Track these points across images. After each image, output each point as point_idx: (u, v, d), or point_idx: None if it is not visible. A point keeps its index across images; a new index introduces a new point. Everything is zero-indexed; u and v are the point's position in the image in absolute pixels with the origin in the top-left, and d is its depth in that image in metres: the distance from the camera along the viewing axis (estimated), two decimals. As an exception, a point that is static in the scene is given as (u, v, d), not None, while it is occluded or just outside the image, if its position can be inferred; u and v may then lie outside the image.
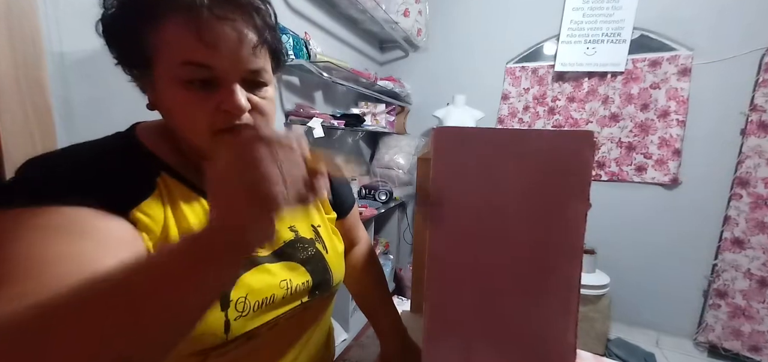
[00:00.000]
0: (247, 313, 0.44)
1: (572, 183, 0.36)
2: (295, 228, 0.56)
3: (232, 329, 0.42)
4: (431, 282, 0.44)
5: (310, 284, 0.53)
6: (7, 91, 0.78)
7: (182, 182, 0.46)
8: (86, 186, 0.37)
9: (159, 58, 0.41)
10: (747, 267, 2.06)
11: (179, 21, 0.39)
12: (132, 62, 0.44)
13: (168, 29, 0.39)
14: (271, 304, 0.47)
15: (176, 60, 0.40)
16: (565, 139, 0.37)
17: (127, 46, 0.43)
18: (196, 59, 0.40)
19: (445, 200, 0.42)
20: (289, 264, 0.51)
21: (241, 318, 0.43)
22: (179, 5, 0.39)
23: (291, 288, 0.50)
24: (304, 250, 0.54)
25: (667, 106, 2.20)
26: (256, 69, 0.44)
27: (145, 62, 0.42)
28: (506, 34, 2.61)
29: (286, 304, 0.49)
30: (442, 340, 0.46)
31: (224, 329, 0.41)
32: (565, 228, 0.38)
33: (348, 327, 2.10)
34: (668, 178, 2.23)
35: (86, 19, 1.01)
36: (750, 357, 2.07)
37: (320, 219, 0.62)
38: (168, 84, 0.41)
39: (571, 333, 0.40)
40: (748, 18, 2.00)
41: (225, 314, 0.42)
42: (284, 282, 0.49)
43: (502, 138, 0.40)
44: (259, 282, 0.46)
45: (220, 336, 0.41)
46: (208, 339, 0.41)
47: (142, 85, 0.47)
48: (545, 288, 0.40)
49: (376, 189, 2.42)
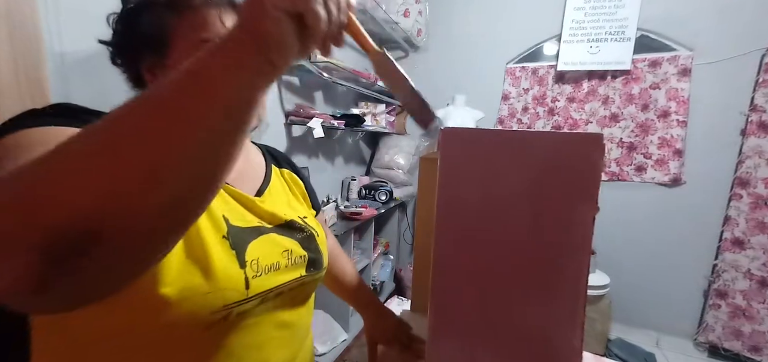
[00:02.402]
0: (260, 274, 0.48)
1: (580, 186, 0.36)
2: (288, 215, 0.60)
3: (251, 286, 0.46)
4: (436, 283, 0.44)
5: (306, 259, 0.57)
6: (7, 91, 0.77)
7: None
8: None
9: (178, 40, 0.48)
10: (747, 268, 2.06)
11: (200, 11, 0.48)
12: (149, 47, 0.49)
13: (189, 18, 0.48)
14: (278, 269, 0.51)
15: (196, 38, 0.48)
16: (573, 141, 0.36)
17: (148, 34, 0.49)
18: (213, 38, 0.45)
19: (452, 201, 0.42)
20: (287, 239, 0.56)
21: (256, 277, 0.47)
22: (203, 2, 0.49)
23: (292, 259, 0.54)
24: (300, 231, 0.59)
25: (667, 106, 2.21)
26: None
27: (161, 46, 0.48)
28: (506, 34, 2.61)
29: (289, 273, 0.54)
30: (447, 342, 0.46)
31: (245, 285, 0.45)
32: (573, 232, 0.37)
33: (348, 328, 2.10)
34: (668, 178, 2.23)
35: (86, 19, 1.01)
36: (750, 358, 2.07)
37: (306, 212, 0.67)
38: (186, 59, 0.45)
39: (577, 338, 0.40)
40: (748, 18, 2.01)
41: (244, 272, 0.46)
42: (286, 251, 0.54)
43: (509, 139, 0.40)
44: (266, 248, 0.51)
45: (241, 292, 0.45)
46: (232, 295, 0.44)
47: (138, 76, 0.53)
48: (552, 291, 0.40)
49: (376, 190, 2.42)
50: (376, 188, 2.42)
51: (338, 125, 2.06)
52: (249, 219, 0.53)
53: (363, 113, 2.46)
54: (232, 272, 0.44)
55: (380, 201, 2.39)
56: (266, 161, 0.67)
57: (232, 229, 0.48)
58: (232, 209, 0.51)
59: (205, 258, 0.42)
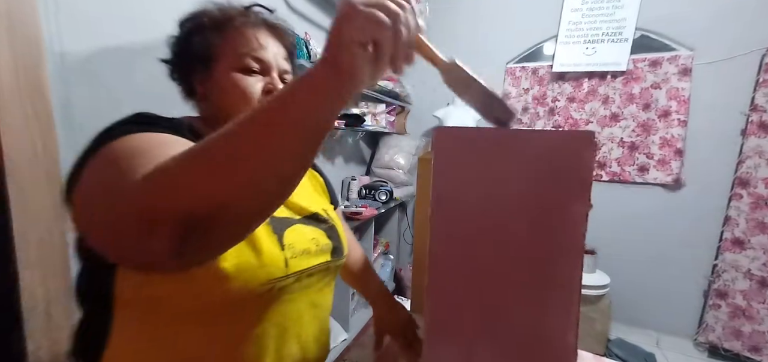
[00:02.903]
0: (296, 257, 0.56)
1: (573, 184, 0.36)
2: (312, 207, 0.68)
3: (289, 265, 0.55)
4: (432, 282, 0.44)
5: (330, 246, 0.66)
6: (7, 91, 0.78)
7: None
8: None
9: (224, 55, 0.58)
10: (747, 268, 2.06)
11: (244, 31, 0.59)
12: (198, 61, 0.59)
13: (234, 35, 0.58)
14: (309, 253, 0.60)
15: (240, 52, 0.58)
16: (565, 139, 0.37)
17: (198, 50, 0.59)
18: (255, 54, 0.58)
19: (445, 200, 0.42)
20: (314, 229, 0.64)
21: (293, 258, 0.56)
22: (248, 23, 0.59)
23: (319, 245, 0.63)
24: (323, 222, 0.68)
25: (668, 105, 2.20)
26: (287, 69, 0.63)
27: (209, 60, 0.58)
28: (506, 34, 2.61)
29: (317, 257, 0.62)
30: (443, 341, 0.46)
31: (284, 264, 0.54)
32: (566, 229, 0.38)
33: (348, 327, 2.10)
34: (671, 179, 2.22)
35: (86, 20, 1.01)
36: (750, 358, 2.07)
37: (326, 205, 0.75)
38: (227, 72, 0.58)
39: (572, 334, 0.40)
40: (749, 18, 2.00)
41: (283, 253, 0.55)
42: (313, 239, 0.62)
43: (503, 138, 0.40)
44: (298, 236, 0.60)
45: (282, 269, 0.53)
46: (275, 271, 0.52)
47: (190, 86, 0.63)
48: (546, 288, 0.40)
49: (376, 190, 2.42)
50: (376, 188, 2.43)
51: (338, 125, 2.06)
52: (282, 209, 0.62)
53: (363, 113, 2.46)
54: (275, 252, 0.53)
55: (380, 201, 2.40)
56: None
57: (272, 219, 0.57)
58: None
59: (255, 240, 0.51)
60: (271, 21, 0.63)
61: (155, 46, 1.21)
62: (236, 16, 0.60)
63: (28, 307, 0.85)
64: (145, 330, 0.49)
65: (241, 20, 0.59)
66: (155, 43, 1.20)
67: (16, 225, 0.81)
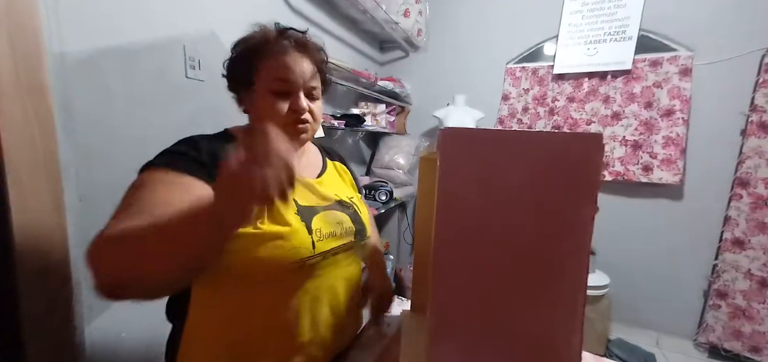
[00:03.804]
0: (322, 239, 0.69)
1: (580, 186, 0.36)
2: (339, 195, 0.81)
3: (316, 247, 0.67)
4: (436, 282, 0.44)
5: (353, 229, 0.78)
6: (7, 91, 0.77)
7: None
8: (202, 167, 0.62)
9: (261, 77, 0.69)
10: (747, 268, 2.06)
11: (277, 55, 0.69)
12: (244, 81, 0.72)
13: (270, 60, 0.69)
14: (334, 236, 0.72)
15: (272, 76, 0.69)
16: (573, 141, 0.36)
17: (243, 71, 0.71)
18: (283, 76, 0.69)
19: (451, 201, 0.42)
20: (339, 213, 0.77)
21: (319, 241, 0.68)
22: (279, 49, 0.69)
23: (343, 228, 0.75)
24: (347, 208, 0.80)
25: (671, 104, 2.18)
26: (314, 86, 0.73)
27: (251, 81, 0.70)
28: (506, 34, 2.61)
29: (342, 239, 0.74)
30: (447, 342, 0.46)
31: (312, 246, 0.66)
32: (572, 232, 0.37)
33: (348, 328, 2.09)
34: (678, 178, 2.19)
35: (86, 20, 1.01)
36: (750, 358, 2.07)
37: (353, 194, 0.89)
38: (263, 93, 0.70)
39: (577, 337, 0.40)
40: (748, 18, 2.00)
41: (311, 237, 0.66)
42: (339, 223, 0.74)
43: (508, 139, 0.40)
44: (326, 220, 0.72)
45: (309, 250, 0.66)
46: (304, 251, 0.65)
47: (241, 100, 0.76)
48: (551, 291, 0.40)
49: (376, 190, 2.41)
50: (376, 188, 2.42)
51: (338, 125, 2.06)
52: (311, 199, 0.74)
53: (363, 113, 2.46)
54: (303, 236, 0.65)
55: (380, 201, 2.39)
56: (322, 155, 0.91)
57: (301, 208, 0.69)
58: (298, 192, 0.72)
59: (286, 229, 0.64)
60: (302, 41, 0.72)
61: (155, 46, 1.21)
62: (271, 42, 0.70)
63: (29, 307, 0.85)
64: (208, 298, 0.64)
65: (276, 46, 0.69)
66: (155, 43, 1.20)
67: (16, 225, 0.81)
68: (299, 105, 0.70)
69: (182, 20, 1.25)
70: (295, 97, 0.70)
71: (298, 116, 0.70)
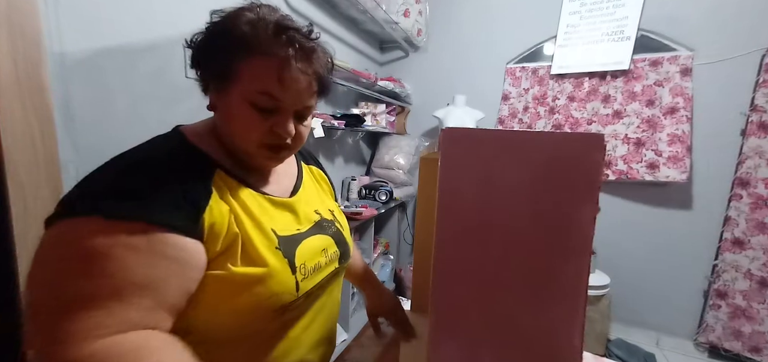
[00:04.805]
0: (307, 276, 0.58)
1: (581, 187, 0.36)
2: (319, 211, 0.70)
3: (300, 288, 0.56)
4: (437, 282, 0.44)
5: (338, 253, 0.68)
6: (8, 91, 0.77)
7: (233, 177, 0.56)
8: (168, 203, 0.45)
9: (242, 79, 0.51)
10: (747, 268, 2.06)
11: (271, 62, 0.51)
12: (215, 73, 0.54)
13: (258, 63, 0.51)
14: (319, 268, 0.62)
15: (257, 87, 0.51)
16: (574, 141, 0.36)
17: (218, 61, 0.53)
18: (273, 93, 0.52)
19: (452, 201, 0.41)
20: (323, 238, 0.66)
21: (304, 279, 0.57)
22: (275, 53, 0.51)
23: (328, 256, 0.65)
24: (329, 228, 0.69)
25: (674, 102, 2.16)
26: (309, 106, 0.58)
27: (226, 77, 0.52)
28: (506, 34, 2.61)
29: (327, 269, 0.64)
30: (448, 342, 0.46)
31: (296, 288, 0.55)
32: (573, 232, 0.37)
33: (348, 327, 2.10)
34: (686, 176, 2.15)
35: (86, 19, 1.01)
36: (750, 358, 2.07)
37: (333, 205, 0.77)
38: (240, 99, 0.52)
39: (578, 338, 0.40)
40: (748, 18, 2.00)
41: (295, 277, 0.55)
42: (324, 250, 0.64)
43: (511, 139, 0.40)
44: (310, 251, 0.61)
45: (293, 294, 0.55)
46: (287, 297, 0.54)
47: (207, 88, 0.57)
48: (552, 291, 0.40)
49: (376, 190, 2.41)
50: (376, 188, 2.42)
51: (338, 125, 2.06)
52: (290, 224, 0.62)
53: (363, 113, 2.46)
54: (284, 277, 0.54)
55: (380, 201, 2.39)
56: (297, 159, 0.76)
57: (282, 240, 0.57)
58: (276, 219, 0.59)
59: (265, 272, 0.52)
60: (308, 49, 0.55)
61: (156, 46, 1.21)
62: (269, 40, 0.51)
63: (28, 308, 0.84)
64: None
65: (270, 47, 0.51)
66: (155, 43, 1.20)
67: (16, 226, 0.81)
68: (285, 129, 0.55)
69: (182, 20, 1.25)
70: (281, 117, 0.54)
71: (280, 141, 0.56)
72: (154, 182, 0.46)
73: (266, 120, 0.54)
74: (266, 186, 0.62)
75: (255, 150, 0.55)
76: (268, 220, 0.57)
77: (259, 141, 0.55)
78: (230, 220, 0.51)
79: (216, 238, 0.49)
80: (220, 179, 0.54)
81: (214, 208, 0.49)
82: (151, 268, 0.42)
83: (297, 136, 0.58)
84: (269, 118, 0.54)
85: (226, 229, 0.50)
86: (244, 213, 0.54)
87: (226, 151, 0.58)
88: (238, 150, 0.57)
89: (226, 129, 0.56)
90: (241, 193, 0.55)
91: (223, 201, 0.52)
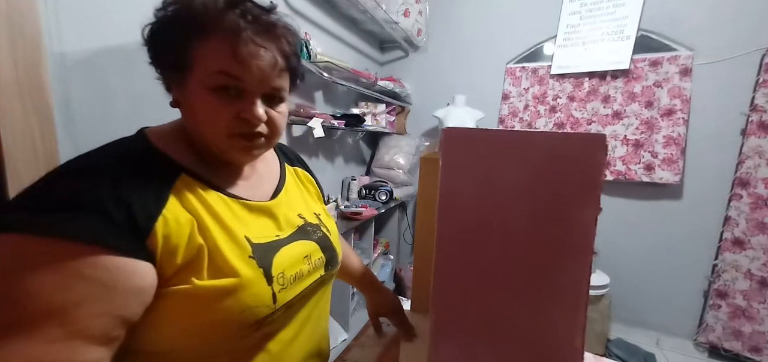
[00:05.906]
0: (286, 286, 0.53)
1: (583, 187, 0.36)
2: (303, 215, 0.65)
3: (278, 299, 0.51)
4: (438, 282, 0.44)
5: (323, 260, 0.63)
6: (7, 91, 0.77)
7: (200, 180, 0.52)
8: (95, 215, 0.39)
9: (197, 64, 0.47)
10: (747, 268, 2.06)
11: (223, 38, 0.46)
12: (171, 64, 0.50)
13: (211, 43, 0.46)
14: (301, 277, 0.57)
15: (212, 68, 0.47)
16: (576, 141, 0.36)
17: (171, 50, 0.49)
18: (229, 71, 0.47)
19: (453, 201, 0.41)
20: (306, 244, 0.61)
21: (282, 290, 0.52)
22: (226, 27, 0.46)
23: (312, 263, 0.60)
24: (314, 233, 0.64)
25: (672, 104, 2.17)
26: (277, 87, 0.53)
27: (183, 66, 0.48)
28: (506, 34, 2.61)
29: (310, 277, 0.59)
30: (448, 342, 0.45)
31: (272, 300, 0.51)
32: (575, 232, 0.37)
33: (348, 327, 2.10)
34: (679, 178, 2.18)
35: (86, 19, 1.00)
36: (750, 358, 2.07)
37: (320, 208, 0.73)
38: (199, 87, 0.48)
39: (579, 338, 0.40)
40: (748, 18, 2.00)
41: (271, 288, 0.51)
42: (306, 257, 0.59)
43: (512, 139, 0.40)
44: (289, 258, 0.56)
45: (270, 306, 0.50)
46: (262, 310, 0.49)
47: (169, 84, 0.53)
48: (553, 292, 0.40)
49: (376, 190, 2.41)
50: (376, 188, 2.42)
51: (338, 125, 2.06)
52: (269, 231, 0.57)
53: (363, 113, 2.46)
54: (259, 288, 0.49)
55: (380, 201, 2.39)
56: (280, 160, 0.72)
57: (256, 248, 0.52)
58: (251, 225, 0.54)
59: (236, 284, 0.47)
60: (266, 22, 0.50)
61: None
62: (219, 15, 0.47)
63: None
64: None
65: (223, 23, 0.47)
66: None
67: (16, 226, 0.81)
68: (253, 114, 0.50)
69: (182, 20, 1.24)
70: (247, 101, 0.50)
71: (248, 127, 0.51)
72: (86, 191, 0.40)
73: (231, 105, 0.49)
74: (242, 191, 0.57)
75: (225, 142, 0.51)
76: (240, 227, 0.52)
77: (227, 130, 0.49)
78: (192, 230, 0.46)
79: (174, 251, 0.44)
80: (183, 185, 0.49)
81: (169, 218, 0.44)
82: (63, 292, 0.36)
83: (270, 124, 0.53)
84: (234, 102, 0.49)
85: (186, 240, 0.45)
86: (212, 221, 0.49)
87: (196, 153, 0.53)
88: (209, 146, 0.52)
89: (192, 125, 0.51)
90: (208, 199, 0.50)
91: (185, 209, 0.47)
